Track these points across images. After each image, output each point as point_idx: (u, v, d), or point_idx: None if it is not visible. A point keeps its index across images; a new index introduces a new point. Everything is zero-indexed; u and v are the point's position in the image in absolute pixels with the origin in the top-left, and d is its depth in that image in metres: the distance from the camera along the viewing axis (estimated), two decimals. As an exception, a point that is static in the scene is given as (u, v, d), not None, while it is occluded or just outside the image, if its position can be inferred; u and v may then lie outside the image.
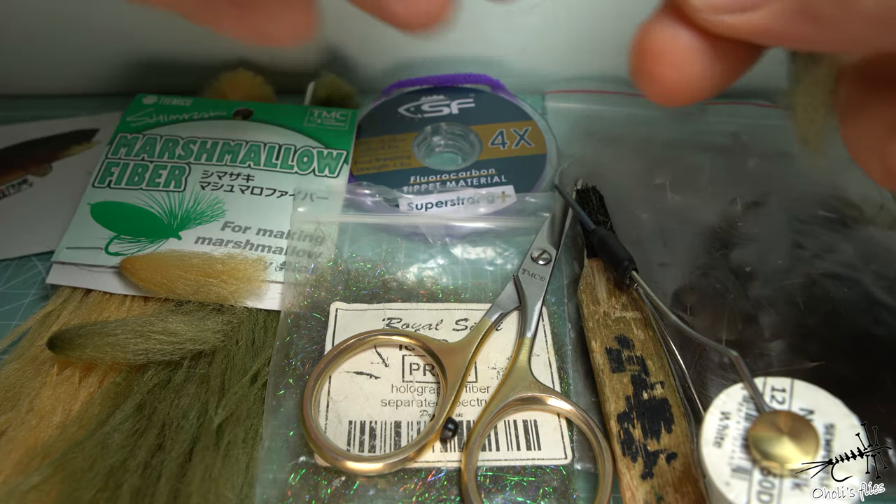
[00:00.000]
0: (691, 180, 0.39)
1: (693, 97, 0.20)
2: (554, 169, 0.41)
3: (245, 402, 0.29)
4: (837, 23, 0.16)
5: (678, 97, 0.20)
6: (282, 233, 0.36)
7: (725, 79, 0.20)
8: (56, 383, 0.30)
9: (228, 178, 0.39)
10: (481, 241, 0.37)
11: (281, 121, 0.42)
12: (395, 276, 0.35)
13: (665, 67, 0.19)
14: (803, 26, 0.17)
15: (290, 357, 0.31)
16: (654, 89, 0.20)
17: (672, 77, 0.19)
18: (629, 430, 0.27)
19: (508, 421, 0.29)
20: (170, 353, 0.30)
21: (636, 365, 0.29)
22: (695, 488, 0.25)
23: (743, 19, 0.18)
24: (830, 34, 0.17)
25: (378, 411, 0.29)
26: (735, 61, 0.20)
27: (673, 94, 0.20)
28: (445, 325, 0.32)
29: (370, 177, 0.40)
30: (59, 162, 0.43)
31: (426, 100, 0.46)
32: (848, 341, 0.31)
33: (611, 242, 0.32)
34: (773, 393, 0.23)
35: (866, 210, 0.37)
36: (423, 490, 0.27)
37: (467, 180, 0.41)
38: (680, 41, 0.19)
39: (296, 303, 0.33)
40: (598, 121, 0.45)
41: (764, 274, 0.34)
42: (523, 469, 0.27)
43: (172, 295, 0.32)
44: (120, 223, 0.36)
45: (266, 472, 0.27)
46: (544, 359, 0.31)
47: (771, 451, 0.21)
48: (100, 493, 0.25)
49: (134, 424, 0.28)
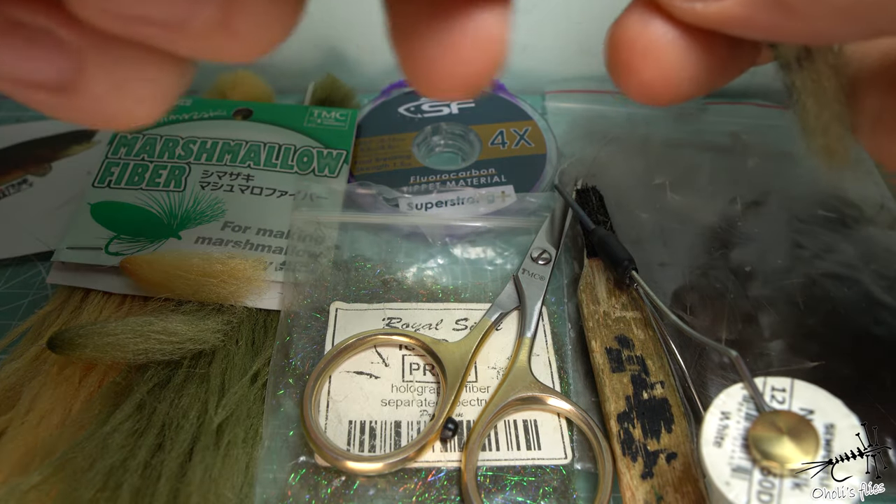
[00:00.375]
0: (691, 180, 0.39)
1: (674, 94, 0.19)
2: (554, 169, 0.41)
3: (245, 402, 0.29)
4: (808, 13, 0.16)
5: (656, 93, 0.19)
6: (282, 233, 0.36)
7: (711, 77, 0.19)
8: (56, 383, 0.30)
9: (228, 178, 0.39)
10: (481, 240, 0.37)
11: (281, 121, 0.42)
12: (395, 276, 0.35)
13: (639, 60, 0.18)
14: (774, 16, 0.16)
15: (290, 357, 0.31)
16: (631, 84, 0.19)
17: (648, 71, 0.18)
18: (629, 430, 0.27)
19: (508, 421, 0.29)
20: (170, 353, 0.30)
21: (636, 365, 0.29)
22: (695, 488, 0.25)
23: (713, 7, 0.17)
24: (802, 25, 0.16)
25: (378, 411, 0.29)
26: (717, 57, 0.19)
27: (650, 89, 0.19)
28: (445, 325, 0.33)
29: (370, 177, 0.40)
30: (59, 162, 0.43)
31: (426, 100, 0.46)
32: (848, 341, 0.31)
33: (611, 242, 0.32)
34: (773, 393, 0.23)
35: (866, 210, 0.37)
36: (423, 490, 0.27)
37: (467, 180, 0.40)
38: (654, 32, 0.18)
39: (296, 303, 0.33)
40: (598, 121, 0.45)
41: (764, 274, 0.34)
42: (523, 469, 0.27)
43: (172, 295, 0.32)
44: (120, 223, 0.36)
45: (266, 472, 0.27)
46: (544, 359, 0.31)
47: (771, 450, 0.21)
48: (100, 493, 0.25)
49: (134, 424, 0.28)
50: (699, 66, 0.18)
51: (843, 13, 0.16)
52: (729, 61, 0.19)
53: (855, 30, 0.16)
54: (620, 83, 0.19)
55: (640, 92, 0.19)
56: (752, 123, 0.44)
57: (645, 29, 0.18)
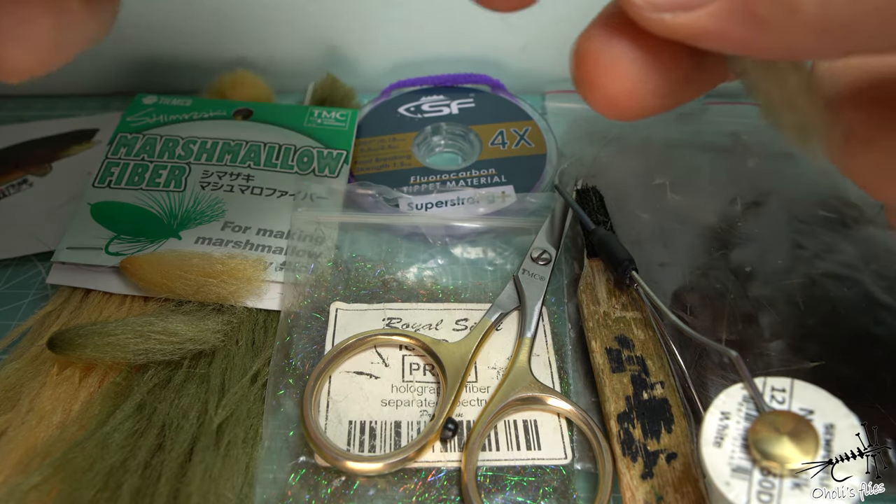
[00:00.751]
0: (691, 180, 0.39)
1: (638, 109, 0.18)
2: (554, 169, 0.41)
3: (245, 402, 0.29)
4: (780, 28, 0.15)
5: (621, 108, 0.18)
6: (282, 233, 0.36)
7: (677, 91, 0.19)
8: (56, 383, 0.30)
9: (228, 178, 0.39)
10: (481, 241, 0.37)
11: (281, 121, 0.42)
12: (395, 276, 0.35)
13: (602, 73, 0.18)
14: (746, 30, 0.16)
15: (290, 357, 0.31)
16: (595, 98, 0.19)
17: (612, 84, 0.18)
18: (629, 430, 0.27)
19: (508, 421, 0.29)
20: (170, 353, 0.30)
21: (636, 365, 0.29)
22: (695, 488, 0.25)
23: (683, 19, 0.17)
24: (774, 39, 0.16)
25: (378, 411, 0.29)
26: (682, 70, 0.18)
27: (615, 103, 0.18)
28: (445, 325, 0.33)
29: (370, 177, 0.40)
30: (59, 162, 0.43)
31: (426, 100, 0.46)
32: (848, 341, 0.31)
33: (611, 242, 0.32)
34: (773, 393, 0.23)
35: (866, 210, 0.37)
36: (423, 490, 0.27)
37: (467, 180, 0.41)
38: (619, 45, 0.18)
39: (296, 303, 0.33)
40: (598, 121, 0.45)
41: (764, 274, 0.34)
42: (523, 469, 0.27)
43: (172, 295, 0.32)
44: (120, 223, 0.36)
45: (266, 472, 0.27)
46: (544, 359, 0.31)
47: (771, 451, 0.21)
48: (100, 493, 0.25)
49: (134, 424, 0.28)
50: (664, 80, 0.18)
51: (816, 29, 0.15)
52: (695, 75, 0.19)
53: (828, 47, 0.16)
54: (586, 97, 0.19)
55: (605, 105, 0.19)
56: (752, 123, 0.44)
57: (611, 43, 0.18)
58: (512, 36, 0.48)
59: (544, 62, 0.49)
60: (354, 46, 0.49)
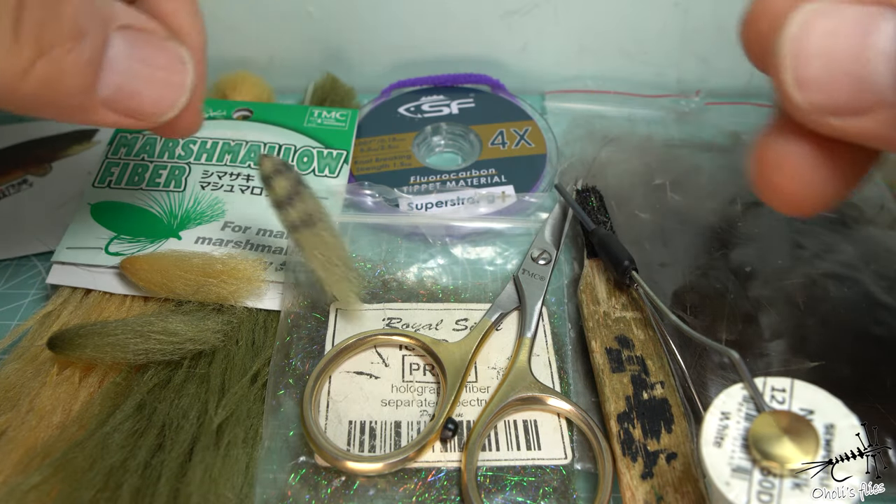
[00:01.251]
0: (691, 180, 0.39)
1: (819, 205, 0.20)
2: (554, 169, 0.41)
3: (245, 402, 0.29)
4: None
5: (803, 207, 0.20)
6: (282, 233, 0.36)
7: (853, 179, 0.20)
8: (56, 383, 0.30)
9: (228, 178, 0.39)
10: (481, 241, 0.37)
11: (281, 121, 0.42)
12: (395, 276, 0.35)
13: (784, 178, 0.20)
14: None
15: (290, 357, 0.31)
16: (778, 201, 0.20)
17: (793, 188, 0.19)
18: (629, 430, 0.27)
19: (508, 421, 0.29)
20: (170, 353, 0.30)
21: (636, 365, 0.29)
22: (695, 488, 0.25)
23: (851, 123, 0.17)
24: None
25: (378, 411, 0.29)
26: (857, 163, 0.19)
27: (796, 204, 0.20)
28: (445, 325, 0.32)
29: (370, 177, 0.40)
30: (59, 162, 0.43)
31: (426, 100, 0.46)
32: (848, 341, 0.31)
33: (611, 242, 0.32)
34: (773, 393, 0.23)
35: (866, 210, 0.37)
36: (423, 490, 0.27)
37: (467, 180, 0.41)
38: (796, 151, 0.19)
39: (296, 303, 0.33)
40: (598, 121, 0.45)
41: (764, 274, 0.34)
42: (523, 469, 0.27)
43: (172, 295, 0.32)
44: (120, 223, 0.36)
45: (266, 472, 0.27)
46: (544, 359, 0.31)
47: (771, 451, 0.21)
48: (100, 493, 0.25)
49: (134, 424, 0.28)
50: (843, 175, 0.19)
51: None
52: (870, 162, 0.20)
53: None
54: (768, 200, 0.20)
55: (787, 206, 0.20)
56: (752, 123, 0.44)
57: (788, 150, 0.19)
58: (512, 36, 0.48)
59: (544, 62, 0.50)
60: (354, 46, 0.49)
